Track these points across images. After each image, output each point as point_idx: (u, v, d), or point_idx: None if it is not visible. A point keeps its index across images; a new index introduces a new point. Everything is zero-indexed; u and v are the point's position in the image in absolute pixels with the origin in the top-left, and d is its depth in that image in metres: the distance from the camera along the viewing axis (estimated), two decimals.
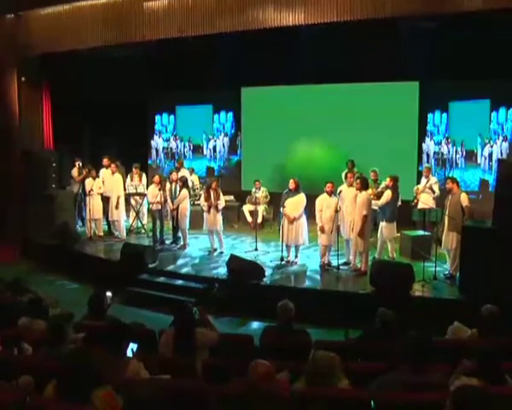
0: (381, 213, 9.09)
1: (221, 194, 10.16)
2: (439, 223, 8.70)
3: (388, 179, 9.19)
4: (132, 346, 3.90)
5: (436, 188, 10.17)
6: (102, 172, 11.79)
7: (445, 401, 2.79)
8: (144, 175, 12.30)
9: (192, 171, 13.43)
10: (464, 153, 11.78)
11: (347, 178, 9.11)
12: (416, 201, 10.16)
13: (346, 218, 8.92)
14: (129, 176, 12.07)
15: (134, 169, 12.04)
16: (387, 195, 8.97)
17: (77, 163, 12.40)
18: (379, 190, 10.53)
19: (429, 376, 3.44)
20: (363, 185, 8.76)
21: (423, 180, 10.31)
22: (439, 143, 12.13)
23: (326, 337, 5.86)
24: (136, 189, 11.69)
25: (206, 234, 10.63)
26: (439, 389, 3.30)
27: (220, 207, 10.06)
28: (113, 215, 11.60)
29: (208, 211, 10.07)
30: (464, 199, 8.23)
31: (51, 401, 3.00)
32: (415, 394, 3.32)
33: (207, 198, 10.10)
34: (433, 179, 10.34)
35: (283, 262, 9.39)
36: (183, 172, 12.16)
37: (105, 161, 11.72)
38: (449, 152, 12.00)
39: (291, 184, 9.32)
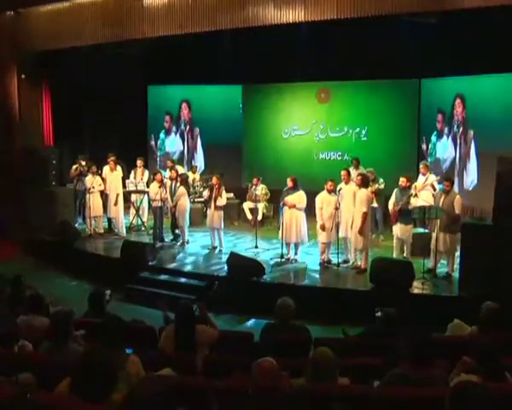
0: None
1: (223, 191, 10.07)
2: (435, 221, 8.60)
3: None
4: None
5: (436, 185, 10.16)
6: (105, 169, 11.78)
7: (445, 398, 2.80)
8: (146, 172, 12.25)
9: (196, 168, 13.50)
10: (465, 150, 11.76)
11: (342, 176, 9.07)
12: (414, 198, 10.12)
13: (344, 216, 8.92)
14: (132, 172, 12.05)
15: (138, 162, 12.01)
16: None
17: (78, 161, 12.31)
18: (375, 187, 10.54)
19: (430, 371, 3.45)
20: (364, 182, 8.77)
21: (421, 177, 10.29)
22: (439, 141, 12.13)
23: (326, 335, 5.88)
24: (136, 186, 11.69)
25: (206, 231, 10.66)
26: (441, 384, 3.31)
27: (218, 203, 9.93)
28: (111, 212, 11.60)
29: (209, 207, 10.10)
30: (457, 205, 8.22)
31: (55, 397, 3.02)
32: (416, 389, 3.33)
33: (209, 195, 10.13)
34: (433, 177, 10.33)
35: (283, 260, 9.40)
36: (179, 170, 12.09)
37: (111, 159, 11.61)
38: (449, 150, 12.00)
39: (289, 183, 9.32)
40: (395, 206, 9.03)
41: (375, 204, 10.35)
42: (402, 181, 9.13)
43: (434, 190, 10.08)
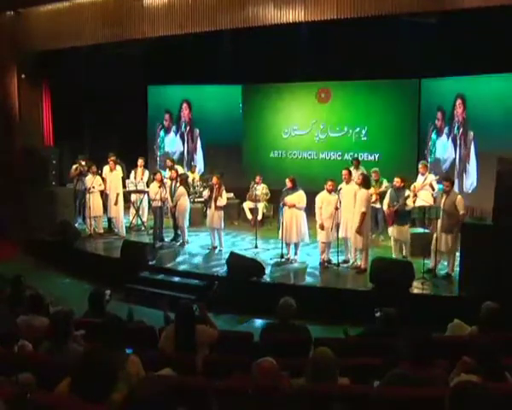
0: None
1: (223, 191, 10.06)
2: (435, 221, 8.60)
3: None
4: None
5: (435, 185, 10.16)
6: (105, 168, 11.77)
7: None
8: (147, 172, 12.23)
9: (195, 168, 13.50)
10: (465, 151, 11.75)
11: (343, 176, 9.08)
12: (413, 198, 10.12)
13: (344, 215, 8.92)
14: (132, 172, 12.04)
15: (140, 161, 11.98)
16: None
17: (78, 161, 12.27)
18: (381, 189, 10.54)
19: (430, 371, 3.45)
20: (364, 182, 8.76)
21: (420, 177, 10.30)
22: (438, 139, 12.13)
23: (326, 335, 5.87)
24: (136, 186, 11.68)
25: (206, 231, 10.65)
26: (441, 384, 3.31)
27: (219, 203, 9.95)
28: (111, 212, 11.60)
29: (209, 207, 10.10)
30: (460, 204, 8.19)
31: (55, 397, 3.02)
32: (416, 389, 3.32)
33: (209, 195, 10.12)
34: (432, 176, 10.33)
35: (283, 259, 9.41)
36: (179, 171, 12.07)
37: (111, 159, 11.60)
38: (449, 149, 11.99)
39: (288, 183, 9.32)
40: (390, 206, 9.03)
41: (377, 205, 10.36)
42: (396, 181, 9.14)
43: (433, 189, 10.09)
